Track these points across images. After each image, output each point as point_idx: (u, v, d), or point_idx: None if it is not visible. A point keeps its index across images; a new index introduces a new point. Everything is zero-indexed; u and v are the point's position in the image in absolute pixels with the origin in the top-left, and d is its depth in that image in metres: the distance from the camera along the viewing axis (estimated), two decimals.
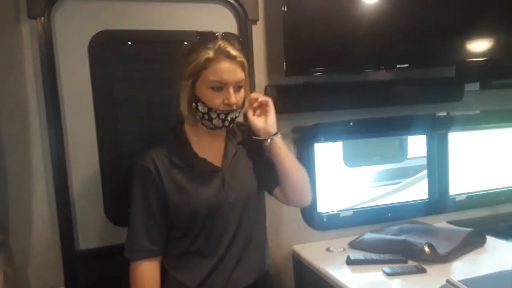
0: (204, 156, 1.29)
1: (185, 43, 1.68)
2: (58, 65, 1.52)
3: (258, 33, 1.77)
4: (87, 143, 1.58)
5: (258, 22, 1.76)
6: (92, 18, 1.54)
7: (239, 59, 1.20)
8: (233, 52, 1.20)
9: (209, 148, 1.31)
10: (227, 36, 1.23)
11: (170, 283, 1.31)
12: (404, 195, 2.23)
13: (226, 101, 1.20)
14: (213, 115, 1.22)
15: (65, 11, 1.52)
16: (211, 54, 1.18)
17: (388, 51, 1.79)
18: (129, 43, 1.63)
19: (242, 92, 1.24)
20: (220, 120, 1.23)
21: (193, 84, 1.21)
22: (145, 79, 1.65)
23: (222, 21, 1.71)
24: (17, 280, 1.43)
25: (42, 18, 1.47)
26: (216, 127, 1.25)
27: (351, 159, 2.19)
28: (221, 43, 1.20)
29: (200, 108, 1.22)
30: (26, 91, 1.51)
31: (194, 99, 1.22)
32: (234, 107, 1.21)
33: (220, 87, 1.19)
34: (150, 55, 1.65)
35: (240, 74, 1.21)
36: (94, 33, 1.55)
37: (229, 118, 1.23)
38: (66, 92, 1.54)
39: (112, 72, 1.63)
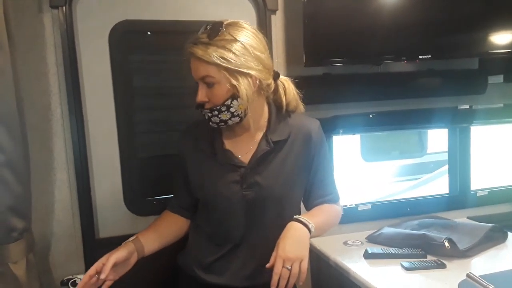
0: (231, 148, 1.27)
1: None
2: (79, 54, 1.54)
3: (277, 23, 1.75)
4: (107, 133, 1.60)
5: (278, 12, 1.74)
6: (112, 8, 1.55)
7: (198, 55, 1.13)
8: (194, 48, 1.13)
9: (240, 141, 1.29)
10: (207, 28, 1.16)
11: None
12: (424, 190, 2.19)
13: None
14: (201, 113, 1.22)
15: (86, 1, 1.53)
16: (185, 52, 1.17)
17: (410, 41, 1.75)
18: (149, 33, 1.63)
19: (216, 89, 1.15)
20: (206, 120, 1.21)
21: None
22: (164, 69, 1.66)
23: (241, 11, 1.70)
24: (38, 267, 1.46)
25: (64, 7, 1.48)
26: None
27: (369, 153, 2.16)
28: (192, 39, 1.16)
29: None
30: (48, 81, 1.53)
31: None
32: (205, 106, 1.18)
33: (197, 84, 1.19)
34: (169, 45, 1.65)
35: (202, 70, 1.14)
36: (114, 23, 1.56)
37: (206, 116, 1.20)
38: (87, 82, 1.56)
39: (132, 62, 1.64)
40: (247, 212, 1.26)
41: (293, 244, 1.14)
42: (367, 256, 1.64)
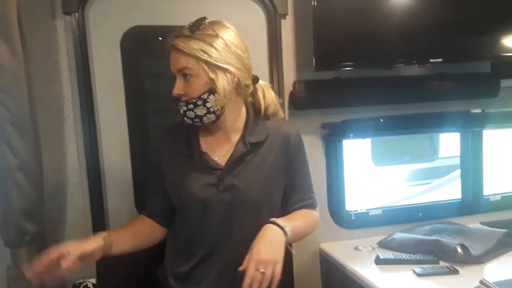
0: (208, 150, 1.26)
1: None
2: (92, 60, 1.56)
3: (287, 27, 1.76)
4: (119, 137, 1.62)
5: (288, 17, 1.75)
6: (124, 14, 1.57)
7: (178, 46, 1.13)
8: (175, 40, 1.14)
9: (217, 143, 1.27)
10: (188, 27, 1.17)
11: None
12: (436, 194, 2.16)
13: None
14: (176, 107, 1.20)
15: (98, 7, 1.55)
16: (167, 45, 1.18)
17: (421, 45, 1.74)
18: (160, 38, 1.65)
19: (193, 81, 1.15)
20: (181, 115, 1.20)
21: None
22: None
23: (251, 16, 1.71)
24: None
25: (76, 14, 1.51)
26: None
27: (380, 158, 2.15)
28: (175, 33, 1.17)
29: None
30: (61, 85, 1.55)
31: None
32: (181, 99, 1.17)
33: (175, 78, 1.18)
34: None
35: (181, 62, 1.14)
36: (126, 28, 1.58)
37: (181, 110, 1.18)
38: (99, 87, 1.58)
39: (143, 67, 1.66)
40: (224, 216, 1.23)
41: (268, 247, 1.12)
42: (379, 261, 1.63)
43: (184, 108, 1.17)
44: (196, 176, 1.23)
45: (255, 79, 1.29)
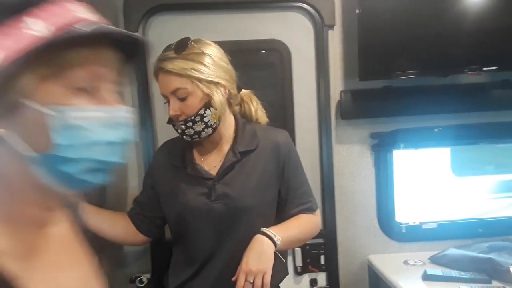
0: (201, 162, 1.29)
1: (263, 51, 1.78)
2: (150, 72, 1.70)
3: (334, 38, 1.77)
4: None
5: (335, 27, 1.76)
6: (178, 31, 1.69)
7: (168, 69, 1.16)
8: (164, 64, 1.18)
9: (210, 155, 1.30)
10: (173, 45, 1.21)
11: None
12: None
13: None
14: (174, 127, 1.23)
15: (156, 26, 1.70)
16: (154, 70, 1.22)
17: (474, 52, 1.64)
18: None
19: (189, 100, 1.17)
20: (180, 134, 1.23)
21: None
22: None
23: (299, 28, 1.75)
24: (110, 265, 1.63)
25: (137, 33, 1.67)
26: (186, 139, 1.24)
27: (461, 168, 2.06)
28: (159, 56, 1.21)
29: None
30: (123, 97, 1.72)
31: None
32: (179, 119, 1.19)
33: (168, 100, 1.20)
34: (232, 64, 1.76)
35: (174, 83, 1.17)
36: None
37: (179, 130, 1.21)
38: (158, 95, 1.72)
39: None
40: (217, 225, 1.25)
41: (256, 257, 1.16)
42: (426, 277, 1.56)
43: (183, 127, 1.20)
44: (188, 187, 1.27)
45: (239, 88, 1.33)
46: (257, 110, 1.38)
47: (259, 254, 1.17)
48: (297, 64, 1.76)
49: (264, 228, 1.22)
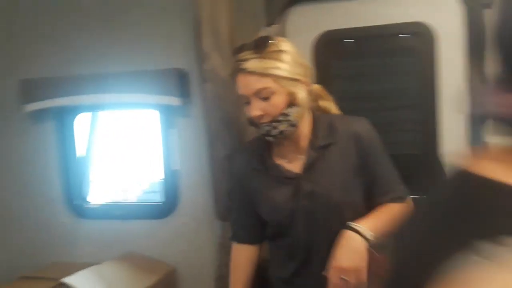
0: (282, 162, 1.26)
1: (400, 35, 1.68)
2: None
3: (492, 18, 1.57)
4: None
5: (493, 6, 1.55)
6: (315, 21, 1.70)
7: (250, 70, 1.13)
8: (244, 64, 1.14)
9: (288, 153, 1.26)
10: (251, 44, 1.16)
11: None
12: None
13: None
14: (257, 128, 1.20)
15: (294, 16, 1.73)
16: (231, 71, 1.19)
17: None
18: (347, 40, 1.72)
19: (274, 99, 1.14)
20: (263, 135, 1.19)
21: None
22: (362, 74, 1.72)
23: (441, 9, 1.61)
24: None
25: (277, 25, 1.71)
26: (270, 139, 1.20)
27: None
28: (238, 57, 1.16)
29: None
30: None
31: None
32: (262, 119, 1.16)
33: (248, 101, 1.17)
34: (367, 50, 1.71)
35: (257, 84, 1.13)
36: (317, 33, 1.71)
37: (263, 131, 1.17)
38: None
39: (332, 68, 1.76)
40: (309, 224, 1.22)
41: (347, 254, 1.11)
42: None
43: (267, 128, 1.17)
44: (275, 189, 1.25)
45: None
46: (330, 104, 1.35)
47: (349, 251, 1.13)
48: (443, 50, 1.62)
49: (352, 223, 1.17)
